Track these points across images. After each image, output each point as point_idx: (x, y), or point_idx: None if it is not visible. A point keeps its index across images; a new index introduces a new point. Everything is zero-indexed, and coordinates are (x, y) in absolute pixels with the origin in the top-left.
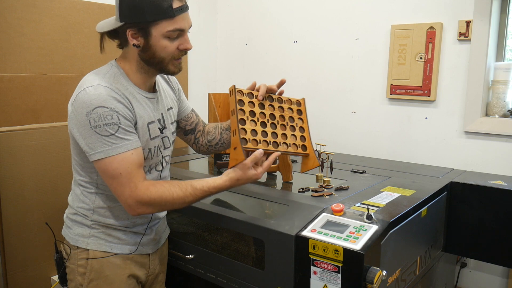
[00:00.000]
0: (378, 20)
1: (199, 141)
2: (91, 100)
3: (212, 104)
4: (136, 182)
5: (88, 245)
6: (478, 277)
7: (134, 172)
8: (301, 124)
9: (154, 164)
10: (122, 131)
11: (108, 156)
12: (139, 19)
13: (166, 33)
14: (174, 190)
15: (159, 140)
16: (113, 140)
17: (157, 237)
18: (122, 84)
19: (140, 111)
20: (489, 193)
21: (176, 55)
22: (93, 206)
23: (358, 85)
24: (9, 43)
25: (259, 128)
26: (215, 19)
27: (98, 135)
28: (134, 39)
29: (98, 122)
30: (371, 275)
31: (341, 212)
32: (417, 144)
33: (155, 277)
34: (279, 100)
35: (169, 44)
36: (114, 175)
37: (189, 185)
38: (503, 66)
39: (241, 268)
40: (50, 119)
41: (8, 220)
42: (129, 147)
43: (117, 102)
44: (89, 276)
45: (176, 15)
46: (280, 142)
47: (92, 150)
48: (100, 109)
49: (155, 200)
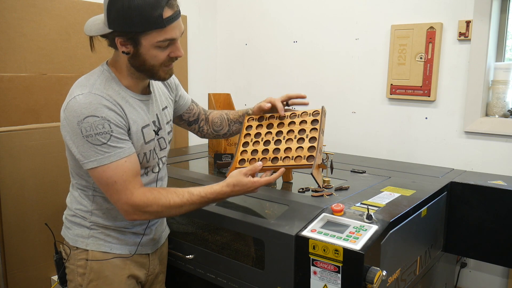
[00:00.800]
0: (378, 20)
1: (203, 130)
2: (81, 109)
3: (212, 104)
4: (131, 190)
5: (87, 245)
6: (478, 277)
7: (130, 179)
8: (314, 134)
9: (151, 167)
10: (114, 139)
11: (102, 165)
12: (128, 29)
13: (156, 43)
14: (171, 197)
15: (154, 143)
16: (105, 149)
17: (156, 237)
18: (114, 89)
19: (133, 116)
20: (489, 193)
21: (167, 62)
22: (91, 208)
23: (358, 85)
24: (9, 43)
25: (261, 147)
26: (215, 19)
27: (90, 144)
28: (123, 47)
29: (90, 132)
30: (371, 275)
31: (341, 212)
32: (417, 144)
33: (155, 277)
34: (292, 116)
35: (160, 53)
36: (109, 183)
37: (186, 192)
38: (503, 66)
39: (241, 268)
40: (50, 119)
41: (8, 220)
42: (122, 155)
43: (108, 110)
44: (88, 277)
45: (167, 25)
46: (281, 157)
47: (85, 159)
48: (91, 119)
49: (152, 206)
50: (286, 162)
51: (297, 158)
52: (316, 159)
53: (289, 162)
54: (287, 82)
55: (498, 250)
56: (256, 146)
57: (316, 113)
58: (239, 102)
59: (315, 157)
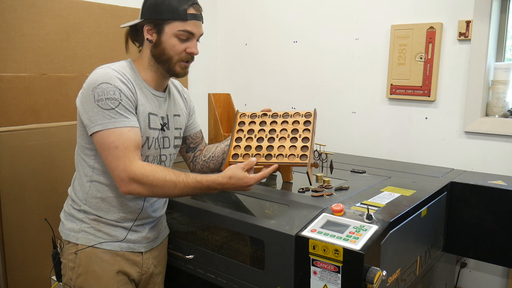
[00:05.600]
0: (378, 20)
1: (197, 159)
2: (97, 78)
3: (212, 104)
4: (131, 158)
5: (77, 239)
6: (478, 277)
7: (131, 148)
8: (306, 135)
9: (152, 157)
10: (122, 107)
11: (106, 129)
12: (156, 17)
13: (176, 32)
14: (167, 173)
15: (158, 133)
16: (113, 114)
17: (151, 236)
18: (130, 75)
19: (143, 99)
20: (489, 193)
21: (184, 57)
22: (86, 196)
23: (358, 85)
24: (9, 43)
25: (255, 144)
26: (215, 19)
27: (99, 108)
28: (149, 35)
29: (101, 96)
30: (371, 275)
31: (341, 212)
32: (417, 144)
33: (150, 276)
34: (284, 115)
35: (178, 43)
36: (111, 147)
37: (183, 173)
38: (503, 66)
39: (241, 268)
40: (50, 119)
41: (8, 220)
42: (127, 124)
43: (121, 82)
44: (77, 271)
45: (189, 19)
46: (274, 154)
47: (92, 123)
48: (104, 85)
49: (148, 177)
50: (280, 160)
51: (291, 156)
52: (310, 158)
53: (282, 160)
54: (287, 82)
55: (498, 250)
56: (249, 142)
57: (308, 115)
58: (239, 102)
59: (308, 156)
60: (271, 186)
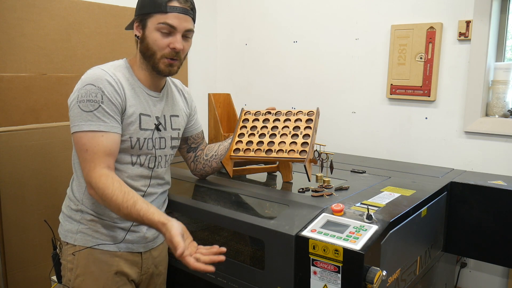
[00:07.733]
0: (378, 20)
1: (198, 159)
2: (86, 78)
3: (212, 104)
4: (96, 164)
5: (75, 241)
6: (478, 277)
7: (99, 154)
8: (308, 132)
9: (145, 157)
10: (101, 111)
11: (81, 131)
12: (141, 11)
13: (157, 25)
14: (118, 194)
15: (151, 133)
16: (90, 117)
17: (149, 236)
18: (124, 75)
19: (133, 100)
20: (489, 193)
21: (167, 53)
22: (83, 196)
23: (358, 85)
24: (9, 43)
25: (256, 139)
26: (215, 19)
27: (79, 110)
28: (137, 31)
29: (83, 97)
30: (371, 275)
31: (341, 212)
32: (417, 144)
33: (150, 276)
34: (288, 114)
35: (160, 38)
36: (82, 149)
37: (132, 200)
38: (503, 66)
39: (241, 268)
40: (50, 119)
41: (8, 220)
42: (102, 129)
43: (108, 84)
44: (75, 272)
45: (169, 11)
46: (275, 149)
47: (71, 123)
48: (89, 86)
49: (99, 189)
50: (280, 155)
51: (291, 151)
52: (309, 153)
53: (282, 155)
54: (287, 82)
55: (498, 250)
56: (251, 138)
57: (311, 113)
58: (239, 102)
59: (308, 151)
60: (271, 186)
